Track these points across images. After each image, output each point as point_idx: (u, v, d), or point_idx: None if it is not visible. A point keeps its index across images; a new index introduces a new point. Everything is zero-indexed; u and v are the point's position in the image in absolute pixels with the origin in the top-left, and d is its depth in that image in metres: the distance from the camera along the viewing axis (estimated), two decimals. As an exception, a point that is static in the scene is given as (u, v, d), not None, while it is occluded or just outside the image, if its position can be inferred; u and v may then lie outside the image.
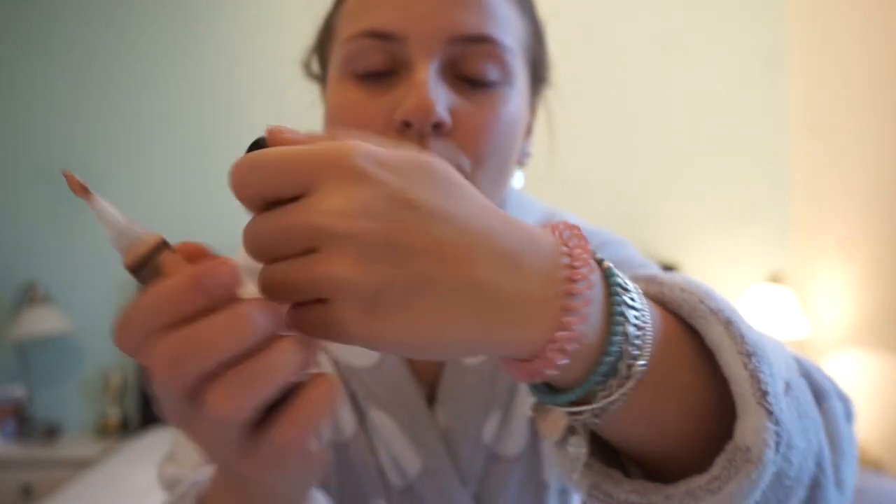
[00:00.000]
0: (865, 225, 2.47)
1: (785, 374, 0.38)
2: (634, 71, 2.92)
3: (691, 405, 0.35)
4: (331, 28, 0.61)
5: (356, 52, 0.53)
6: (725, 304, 0.40)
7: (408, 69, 0.52)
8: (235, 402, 0.29)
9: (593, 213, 2.88)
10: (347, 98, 0.53)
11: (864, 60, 2.48)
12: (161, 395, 0.32)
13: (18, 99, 2.83)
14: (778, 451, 0.34)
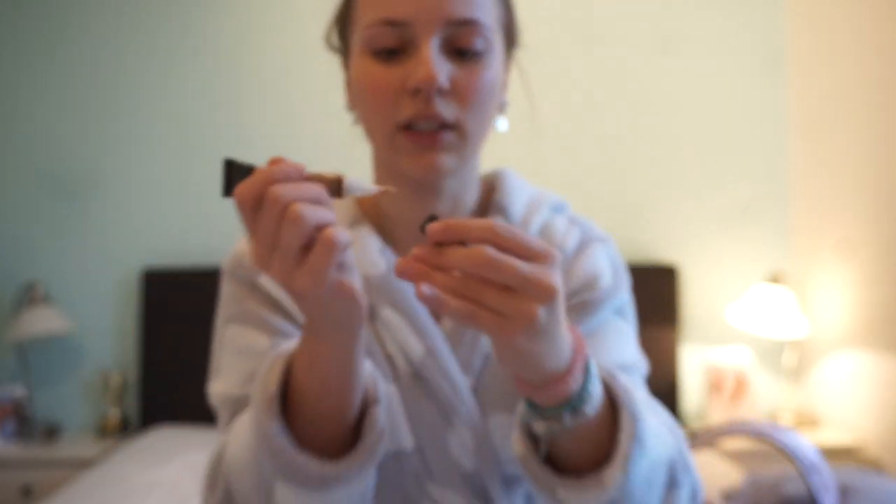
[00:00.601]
0: (865, 225, 2.47)
1: (655, 459, 0.63)
2: (634, 71, 2.92)
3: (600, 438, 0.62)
4: (349, 10, 0.77)
5: (374, 35, 0.70)
6: (639, 409, 0.63)
7: (415, 46, 0.69)
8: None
9: (593, 213, 2.86)
10: (368, 71, 0.71)
11: (863, 61, 2.48)
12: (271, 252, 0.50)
13: (20, 100, 2.83)
14: (617, 491, 0.60)
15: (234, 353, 0.76)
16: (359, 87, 0.73)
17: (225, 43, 2.88)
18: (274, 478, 0.60)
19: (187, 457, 2.23)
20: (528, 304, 0.49)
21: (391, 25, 0.69)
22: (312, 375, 0.59)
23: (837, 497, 1.28)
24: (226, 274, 0.81)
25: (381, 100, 0.71)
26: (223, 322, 0.79)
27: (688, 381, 2.82)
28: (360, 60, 0.73)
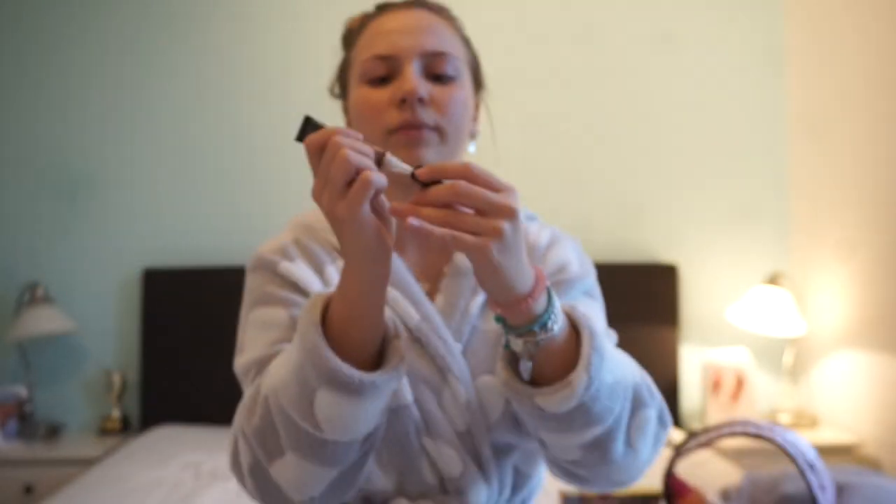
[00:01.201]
0: (864, 226, 2.48)
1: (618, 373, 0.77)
2: (634, 71, 2.93)
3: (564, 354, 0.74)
4: (348, 61, 0.95)
5: (368, 69, 0.89)
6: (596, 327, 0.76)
7: (400, 71, 0.87)
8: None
9: (593, 212, 2.89)
10: (364, 94, 0.89)
11: (863, 61, 2.49)
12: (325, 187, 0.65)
13: (21, 101, 2.84)
14: (585, 391, 0.72)
15: (257, 329, 0.87)
16: (356, 110, 0.90)
17: (225, 43, 2.88)
18: (318, 384, 0.70)
19: (188, 456, 2.23)
20: (497, 221, 0.63)
21: (381, 59, 0.87)
22: (344, 302, 0.71)
23: (835, 495, 1.29)
24: (249, 270, 0.93)
25: (374, 113, 0.87)
26: (247, 309, 0.90)
27: (687, 380, 2.83)
28: (357, 89, 0.90)
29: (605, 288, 1.02)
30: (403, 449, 0.84)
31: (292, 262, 0.90)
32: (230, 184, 2.86)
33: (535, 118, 2.89)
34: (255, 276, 0.91)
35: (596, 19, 2.93)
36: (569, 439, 0.77)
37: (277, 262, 0.90)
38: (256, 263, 0.92)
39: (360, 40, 0.92)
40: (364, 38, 0.92)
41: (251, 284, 0.91)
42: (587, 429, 0.75)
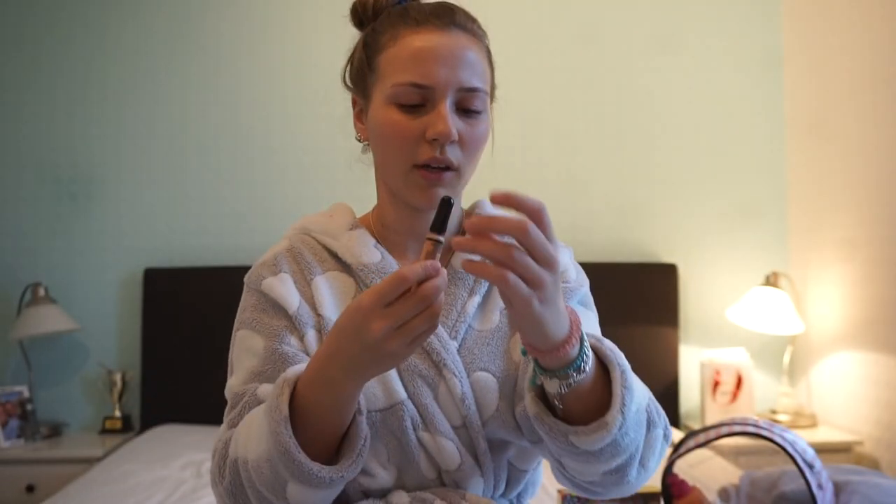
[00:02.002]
0: (863, 226, 2.48)
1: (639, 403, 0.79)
2: (634, 71, 2.93)
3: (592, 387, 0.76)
4: (370, 59, 0.91)
5: (402, 93, 0.86)
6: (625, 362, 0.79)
7: (433, 104, 0.86)
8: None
9: (593, 212, 2.89)
10: (394, 119, 0.87)
11: (861, 61, 2.50)
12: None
13: (21, 101, 2.84)
14: (619, 430, 0.75)
15: (241, 352, 0.91)
16: (382, 131, 0.88)
17: (226, 44, 2.89)
18: (289, 479, 0.75)
19: (189, 455, 2.24)
20: (543, 272, 0.65)
21: (417, 87, 0.85)
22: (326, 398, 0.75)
23: (833, 494, 1.29)
24: (244, 285, 0.96)
25: (403, 144, 0.87)
26: (236, 327, 0.94)
27: (686, 380, 2.83)
28: (386, 110, 0.87)
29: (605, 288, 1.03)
30: (401, 444, 0.87)
31: (276, 275, 0.92)
32: (230, 184, 2.86)
33: (535, 118, 2.90)
34: (246, 293, 0.95)
35: (596, 20, 2.93)
36: (594, 468, 0.80)
37: (262, 277, 0.93)
38: (248, 279, 0.95)
39: (392, 50, 0.87)
40: (398, 52, 0.87)
41: (242, 301, 0.95)
42: (613, 459, 0.79)
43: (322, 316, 0.89)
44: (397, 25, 0.88)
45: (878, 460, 2.41)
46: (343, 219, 0.98)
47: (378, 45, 0.90)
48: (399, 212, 0.95)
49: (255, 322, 0.91)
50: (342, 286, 0.93)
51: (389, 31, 0.89)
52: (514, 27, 2.91)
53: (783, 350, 2.79)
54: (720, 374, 2.66)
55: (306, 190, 2.85)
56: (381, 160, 0.92)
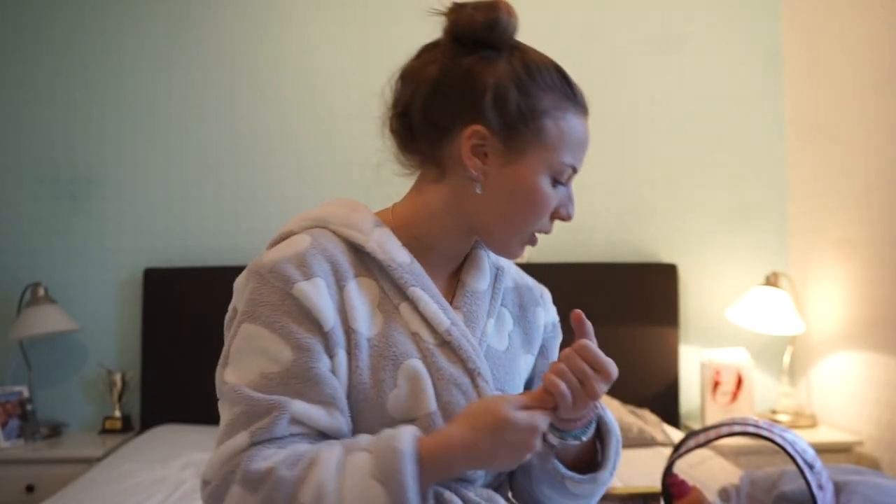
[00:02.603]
0: (863, 226, 2.48)
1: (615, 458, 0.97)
2: (634, 72, 2.94)
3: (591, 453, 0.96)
4: (534, 121, 0.88)
5: (562, 171, 0.91)
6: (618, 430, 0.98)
7: (565, 183, 0.94)
8: None
9: (593, 213, 2.89)
10: (546, 191, 0.91)
11: (861, 63, 2.50)
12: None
13: (21, 101, 2.84)
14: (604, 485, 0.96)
15: (251, 351, 0.83)
16: (529, 194, 0.89)
17: (226, 44, 2.89)
18: None
19: (189, 455, 2.24)
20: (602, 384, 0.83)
21: (572, 169, 0.92)
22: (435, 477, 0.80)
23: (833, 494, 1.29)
24: (255, 274, 0.86)
25: (542, 211, 0.91)
26: (244, 318, 0.84)
27: (687, 380, 2.83)
28: (542, 178, 0.90)
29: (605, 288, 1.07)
30: None
31: (309, 280, 0.83)
32: (230, 184, 2.86)
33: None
34: (263, 286, 0.85)
35: (596, 20, 2.94)
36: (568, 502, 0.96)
37: (293, 280, 0.83)
38: (268, 272, 0.85)
39: (562, 124, 0.89)
40: (569, 131, 0.90)
41: (254, 290, 0.85)
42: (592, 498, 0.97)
43: (355, 331, 0.85)
44: (561, 95, 0.89)
45: (878, 460, 2.41)
46: (366, 214, 0.93)
47: (540, 105, 0.88)
48: (450, 234, 0.94)
49: (279, 325, 0.82)
50: (369, 293, 0.88)
51: (553, 96, 0.89)
52: (514, 27, 2.91)
53: (783, 350, 2.79)
54: (720, 374, 2.66)
55: (306, 190, 2.85)
56: (504, 214, 0.90)
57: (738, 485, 1.53)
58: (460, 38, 0.88)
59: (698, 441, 1.38)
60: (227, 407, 0.82)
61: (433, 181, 0.92)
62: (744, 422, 1.33)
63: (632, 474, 2.04)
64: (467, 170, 0.88)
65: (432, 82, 0.89)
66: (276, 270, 0.84)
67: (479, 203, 0.90)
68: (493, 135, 0.87)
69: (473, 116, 0.87)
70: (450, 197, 0.91)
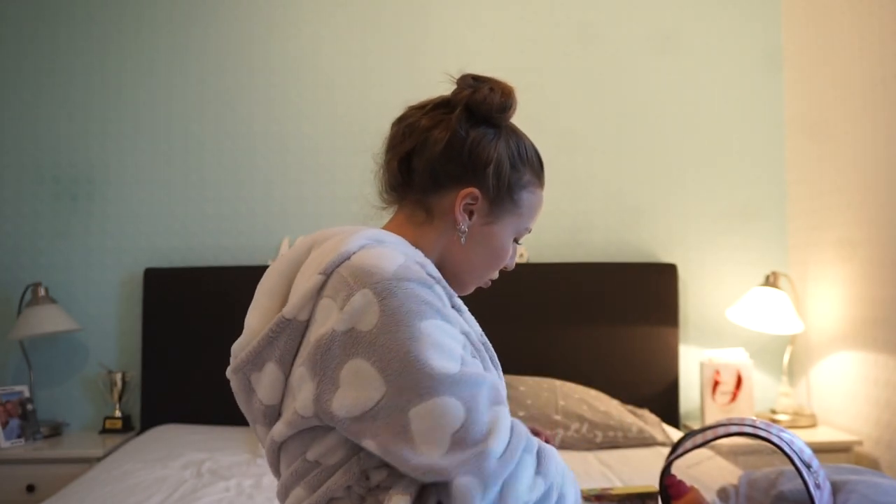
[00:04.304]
0: (863, 226, 2.48)
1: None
2: (633, 71, 2.94)
3: None
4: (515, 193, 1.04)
5: (523, 234, 1.07)
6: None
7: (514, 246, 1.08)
8: None
9: (593, 213, 2.89)
10: (509, 248, 1.06)
11: (860, 62, 2.49)
12: None
13: (22, 101, 2.85)
14: None
15: (445, 338, 0.85)
16: (498, 253, 1.05)
17: (227, 44, 2.89)
18: None
19: (189, 455, 2.24)
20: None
21: (528, 232, 1.07)
22: None
23: (831, 494, 1.29)
24: (401, 279, 0.86)
25: (500, 265, 1.06)
26: (417, 316, 0.85)
27: (686, 380, 2.83)
28: (509, 240, 1.05)
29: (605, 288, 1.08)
30: None
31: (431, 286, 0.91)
32: (231, 184, 2.86)
33: (534, 118, 2.89)
34: (418, 287, 0.87)
35: (596, 20, 2.94)
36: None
37: (429, 282, 0.90)
38: (416, 274, 0.88)
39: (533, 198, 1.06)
40: (536, 203, 1.07)
41: (414, 293, 0.86)
42: None
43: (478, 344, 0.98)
44: (534, 174, 1.05)
45: (877, 460, 2.41)
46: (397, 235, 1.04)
47: (523, 180, 1.04)
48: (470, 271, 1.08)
49: (445, 320, 0.88)
50: None
51: (531, 173, 1.05)
52: (515, 27, 2.91)
53: (783, 350, 2.79)
54: (720, 374, 2.66)
55: (306, 191, 2.85)
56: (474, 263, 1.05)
57: (737, 485, 1.53)
58: (474, 111, 1.00)
59: (696, 441, 1.38)
60: (457, 388, 0.82)
61: (420, 224, 1.03)
62: (741, 422, 1.33)
63: (631, 474, 2.04)
64: (456, 222, 1.01)
65: (443, 144, 0.99)
66: (416, 276, 0.88)
67: (458, 251, 1.03)
68: (483, 199, 1.01)
69: (471, 181, 1.00)
70: (435, 240, 1.03)
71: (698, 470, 1.95)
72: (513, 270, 1.15)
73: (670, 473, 1.41)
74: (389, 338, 0.82)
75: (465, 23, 2.90)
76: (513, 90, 1.02)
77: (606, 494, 1.47)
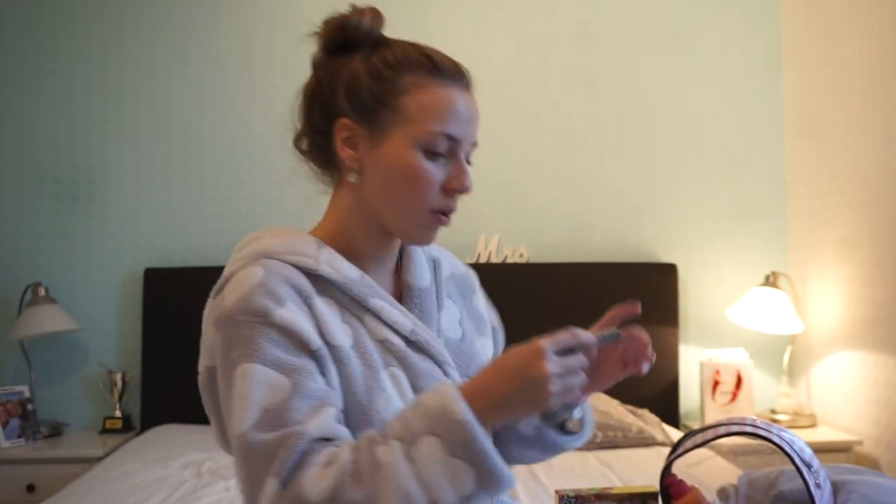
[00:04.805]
0: (863, 226, 2.48)
1: None
2: (633, 71, 2.94)
3: None
4: (392, 101, 0.90)
5: (433, 140, 0.89)
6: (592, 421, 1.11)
7: (454, 156, 0.92)
8: None
9: (593, 213, 2.89)
10: (421, 165, 0.89)
11: (860, 61, 2.49)
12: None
13: (22, 101, 2.85)
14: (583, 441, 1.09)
15: (250, 390, 0.80)
16: (404, 173, 0.90)
17: (227, 44, 2.89)
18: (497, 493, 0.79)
19: (189, 455, 2.24)
20: None
21: (448, 139, 0.89)
22: (497, 413, 0.79)
23: (832, 494, 1.29)
24: (223, 323, 0.86)
25: (426, 189, 0.90)
26: (233, 364, 0.83)
27: (686, 380, 2.83)
28: (412, 153, 0.89)
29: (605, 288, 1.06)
30: None
31: (283, 306, 0.83)
32: (231, 183, 2.87)
33: (535, 118, 2.90)
34: (239, 328, 0.83)
35: (596, 20, 2.94)
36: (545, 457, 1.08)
37: (269, 309, 0.83)
38: (237, 313, 0.84)
39: (422, 97, 0.89)
40: (432, 102, 0.89)
41: (233, 339, 0.83)
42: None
43: (335, 346, 0.86)
44: (422, 73, 0.90)
45: (877, 460, 2.41)
46: (306, 237, 0.96)
47: (399, 85, 0.90)
48: (373, 238, 0.97)
49: (272, 359, 0.81)
50: (332, 310, 0.89)
51: (413, 75, 0.90)
52: (515, 27, 2.91)
53: (783, 350, 2.80)
54: (720, 373, 2.66)
55: (307, 190, 2.84)
56: (388, 198, 0.92)
57: (737, 484, 1.52)
58: (326, 47, 0.96)
59: (696, 441, 1.38)
60: (244, 461, 0.79)
61: (337, 188, 0.99)
62: (741, 421, 1.33)
63: (631, 474, 2.04)
64: (343, 161, 0.93)
65: (310, 92, 0.97)
66: (247, 308, 0.83)
67: (367, 193, 0.93)
68: (357, 124, 0.91)
69: (337, 112, 0.92)
70: (349, 198, 0.96)
71: (698, 470, 1.95)
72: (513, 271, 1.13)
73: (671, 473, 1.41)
74: (218, 383, 0.88)
75: (465, 23, 2.90)
76: (353, 8, 0.95)
77: (606, 494, 1.46)
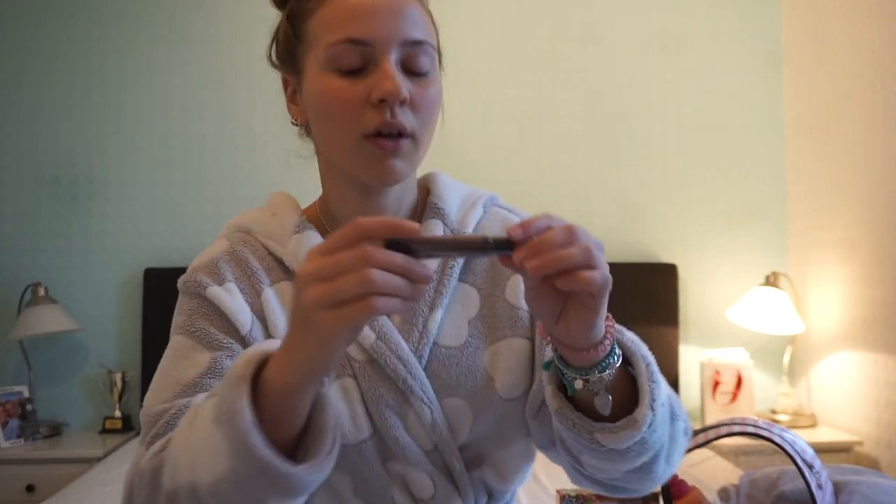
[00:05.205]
0: (863, 226, 2.48)
1: (664, 397, 0.74)
2: (633, 71, 2.94)
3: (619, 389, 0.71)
4: (300, 32, 0.81)
5: (338, 53, 0.75)
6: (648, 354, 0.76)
7: (375, 64, 0.75)
8: None
9: (593, 212, 2.89)
10: (333, 86, 0.75)
11: (860, 61, 2.49)
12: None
13: (21, 101, 2.84)
14: (648, 427, 0.70)
15: (172, 361, 0.78)
16: (321, 102, 0.78)
17: (227, 43, 2.89)
18: (269, 496, 0.62)
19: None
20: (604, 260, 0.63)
21: (355, 44, 0.74)
22: (276, 398, 0.61)
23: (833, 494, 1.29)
24: (179, 288, 0.84)
25: (347, 112, 0.75)
26: (172, 332, 0.82)
27: (686, 380, 2.84)
28: (322, 77, 0.77)
29: None
30: (369, 481, 0.80)
31: (221, 285, 0.80)
32: (231, 183, 2.86)
33: (535, 118, 2.90)
34: (182, 297, 0.83)
35: (596, 20, 2.94)
36: (618, 466, 0.73)
37: (205, 285, 0.80)
38: (183, 285, 0.83)
39: (322, 12, 0.77)
40: (329, 13, 0.77)
41: (177, 307, 0.83)
42: (640, 457, 0.72)
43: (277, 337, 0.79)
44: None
45: (877, 460, 2.41)
46: (288, 217, 0.89)
47: (304, 11, 0.80)
48: (347, 198, 0.85)
49: (195, 328, 0.78)
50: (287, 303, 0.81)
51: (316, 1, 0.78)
52: (514, 27, 2.91)
53: (783, 350, 2.80)
54: (720, 374, 2.66)
55: (308, 189, 2.84)
56: (323, 137, 0.81)
57: (738, 485, 1.53)
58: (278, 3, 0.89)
59: (697, 441, 1.38)
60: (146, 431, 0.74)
61: (318, 156, 0.90)
62: (743, 421, 1.33)
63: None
64: (293, 116, 0.87)
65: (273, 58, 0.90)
66: (190, 279, 0.82)
67: (317, 145, 0.85)
68: (290, 75, 0.85)
69: (280, 69, 0.87)
70: (319, 158, 0.89)
71: (699, 470, 1.95)
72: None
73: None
74: None
75: (465, 23, 2.90)
76: None
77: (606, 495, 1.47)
